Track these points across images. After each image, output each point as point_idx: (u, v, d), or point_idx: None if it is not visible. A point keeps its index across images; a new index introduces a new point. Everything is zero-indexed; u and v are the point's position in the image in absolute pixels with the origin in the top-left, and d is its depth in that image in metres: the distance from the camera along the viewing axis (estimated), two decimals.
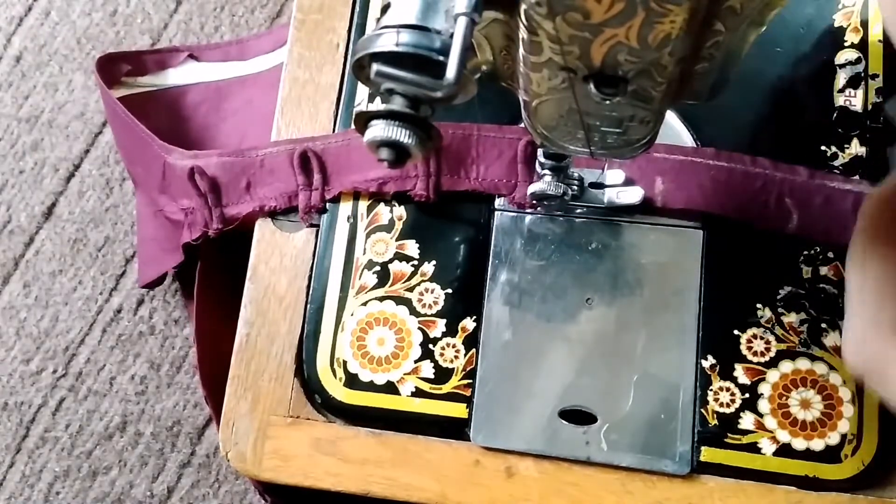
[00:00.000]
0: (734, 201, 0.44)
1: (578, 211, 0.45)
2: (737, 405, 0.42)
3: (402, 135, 0.27)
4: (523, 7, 0.25)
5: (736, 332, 0.43)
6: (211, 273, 0.54)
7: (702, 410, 0.42)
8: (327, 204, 0.47)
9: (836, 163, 0.45)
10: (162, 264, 0.55)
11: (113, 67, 0.58)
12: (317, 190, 0.47)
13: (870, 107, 0.45)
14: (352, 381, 0.44)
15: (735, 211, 0.44)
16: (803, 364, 0.43)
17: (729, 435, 0.42)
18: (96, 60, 0.57)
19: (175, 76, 0.60)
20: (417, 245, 0.46)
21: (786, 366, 0.43)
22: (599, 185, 0.45)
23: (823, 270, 0.43)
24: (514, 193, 0.45)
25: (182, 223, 0.50)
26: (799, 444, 0.42)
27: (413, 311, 0.45)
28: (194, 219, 0.49)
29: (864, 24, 0.46)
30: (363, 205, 0.47)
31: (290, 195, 0.47)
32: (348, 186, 0.46)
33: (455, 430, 0.44)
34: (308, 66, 0.49)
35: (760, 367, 0.43)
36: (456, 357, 0.44)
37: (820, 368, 0.42)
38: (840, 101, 0.45)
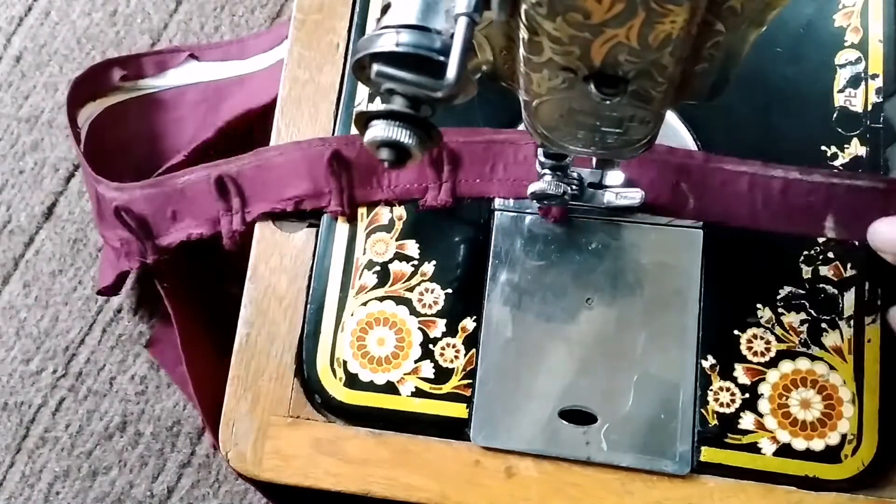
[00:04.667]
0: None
1: (580, 210, 0.45)
2: (737, 405, 0.42)
3: (403, 135, 0.27)
4: (524, 7, 0.25)
5: (736, 332, 0.43)
6: (178, 290, 0.54)
7: (702, 410, 0.42)
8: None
9: (837, 163, 0.45)
10: (113, 272, 0.54)
11: (103, 76, 0.58)
12: (237, 213, 0.47)
13: (870, 107, 0.45)
14: (352, 381, 0.44)
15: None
16: (803, 364, 0.43)
17: (729, 435, 0.42)
18: (71, 81, 0.56)
19: (175, 76, 0.60)
20: (417, 245, 0.46)
21: (786, 366, 0.43)
22: (599, 186, 0.45)
23: (823, 270, 0.43)
24: (425, 196, 0.45)
25: (120, 251, 0.51)
26: (799, 444, 0.42)
27: (413, 311, 0.45)
28: (130, 249, 0.50)
29: (865, 24, 0.46)
30: None
31: (214, 220, 0.47)
32: (267, 207, 0.47)
33: (455, 430, 0.44)
34: (308, 66, 0.49)
35: (760, 367, 0.43)
36: (456, 357, 0.44)
37: (820, 368, 0.42)
38: (840, 101, 0.45)
